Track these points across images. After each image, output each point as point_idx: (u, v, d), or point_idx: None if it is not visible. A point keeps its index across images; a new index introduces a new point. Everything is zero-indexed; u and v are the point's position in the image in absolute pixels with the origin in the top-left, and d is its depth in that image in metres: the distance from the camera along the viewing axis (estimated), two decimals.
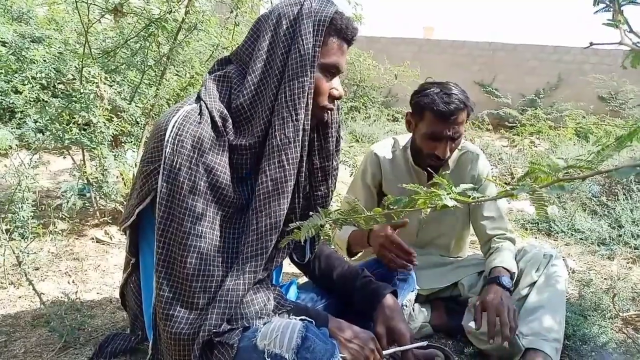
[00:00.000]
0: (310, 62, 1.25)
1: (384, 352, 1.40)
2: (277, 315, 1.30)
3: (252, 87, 1.27)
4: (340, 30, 1.30)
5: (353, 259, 1.99)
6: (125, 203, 2.61)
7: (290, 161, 1.27)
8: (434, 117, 1.80)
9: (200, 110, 1.26)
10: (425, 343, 1.51)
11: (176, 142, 1.20)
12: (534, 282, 1.81)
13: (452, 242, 2.13)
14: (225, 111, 1.27)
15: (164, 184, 1.21)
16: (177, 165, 1.20)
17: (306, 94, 1.25)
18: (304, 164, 1.33)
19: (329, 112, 1.37)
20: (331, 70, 1.32)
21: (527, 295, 1.78)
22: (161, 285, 1.25)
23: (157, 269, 1.25)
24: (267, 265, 1.34)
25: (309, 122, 1.29)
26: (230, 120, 1.27)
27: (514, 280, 1.83)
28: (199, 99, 1.30)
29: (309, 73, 1.25)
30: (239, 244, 1.30)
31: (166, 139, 1.21)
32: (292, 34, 1.26)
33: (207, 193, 1.23)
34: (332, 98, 1.35)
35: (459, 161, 2.03)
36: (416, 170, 2.00)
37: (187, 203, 1.20)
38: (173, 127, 1.22)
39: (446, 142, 1.82)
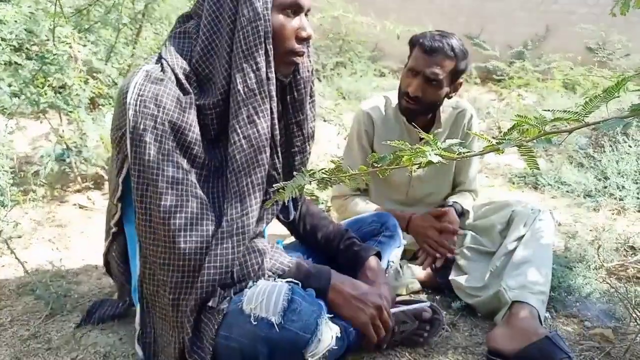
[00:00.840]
0: (263, 5, 1.17)
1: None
2: (274, 276, 1.28)
3: (205, 42, 1.20)
4: None
5: None
6: (107, 169, 2.56)
7: (260, 114, 1.21)
8: (417, 51, 1.82)
9: (162, 68, 1.19)
10: (428, 303, 1.52)
11: (138, 102, 1.14)
12: (521, 237, 1.81)
13: (442, 199, 2.13)
14: (189, 68, 1.21)
15: (132, 149, 1.15)
16: (142, 127, 1.14)
17: (262, 39, 1.18)
18: (275, 115, 1.26)
19: (300, 56, 1.28)
20: (292, 9, 1.23)
21: (514, 250, 1.79)
22: (148, 253, 1.22)
23: (141, 237, 1.21)
24: (258, 224, 1.32)
25: (272, 69, 1.21)
26: (195, 78, 1.21)
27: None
28: (160, 58, 1.23)
29: (261, 16, 1.16)
30: (221, 208, 1.26)
31: (128, 101, 1.15)
32: None
33: (177, 152, 1.18)
34: (301, 40, 1.26)
35: (455, 120, 2.00)
36: (408, 129, 1.96)
37: (160, 167, 1.15)
38: (134, 87, 1.15)
39: (420, 80, 1.79)
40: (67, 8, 2.62)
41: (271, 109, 1.24)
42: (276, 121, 1.27)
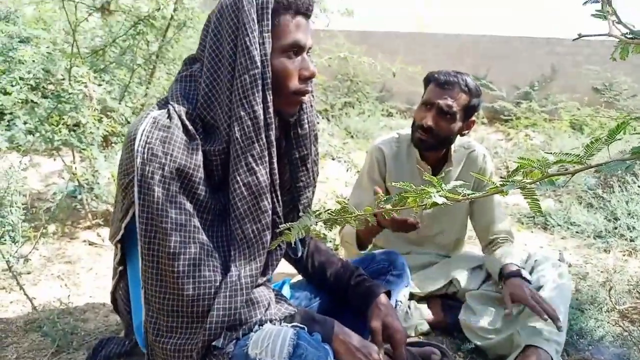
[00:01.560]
0: (260, 52, 1.18)
1: None
2: (278, 320, 1.28)
3: (206, 89, 1.21)
4: (288, 6, 1.21)
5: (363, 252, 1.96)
6: (112, 212, 2.59)
7: (259, 162, 1.22)
8: (432, 85, 1.85)
9: (169, 114, 1.20)
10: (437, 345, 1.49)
11: (146, 150, 1.15)
12: (540, 287, 1.80)
13: (452, 240, 2.12)
14: (195, 113, 1.22)
15: (140, 196, 1.16)
16: (150, 175, 1.14)
17: (260, 87, 1.18)
18: (274, 160, 1.26)
19: (305, 95, 1.28)
20: (293, 50, 1.24)
21: None
22: (153, 300, 1.21)
23: (146, 284, 1.21)
24: (265, 271, 1.32)
25: (271, 115, 1.22)
26: (201, 123, 1.23)
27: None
28: (167, 102, 1.24)
29: (259, 64, 1.17)
30: (228, 253, 1.27)
31: (136, 148, 1.15)
32: (236, 25, 1.18)
33: (184, 199, 1.18)
34: (305, 79, 1.27)
35: (467, 160, 2.00)
36: (420, 166, 1.97)
37: (166, 212, 1.15)
38: (142, 135, 1.16)
39: (434, 112, 1.81)
40: (83, 49, 2.71)
41: (270, 154, 1.25)
42: (275, 166, 1.28)
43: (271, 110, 1.22)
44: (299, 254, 1.54)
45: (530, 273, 1.87)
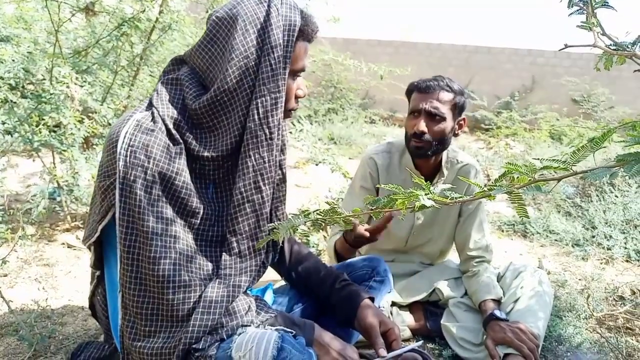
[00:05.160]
0: (283, 76, 1.21)
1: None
2: (259, 324, 1.27)
3: (214, 97, 1.21)
4: (307, 34, 1.27)
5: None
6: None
7: (267, 182, 1.26)
8: (414, 94, 1.87)
9: (153, 117, 1.19)
10: (420, 343, 1.49)
11: (128, 153, 1.14)
12: (518, 299, 1.83)
13: (437, 251, 2.12)
14: (180, 117, 1.21)
15: (121, 199, 1.15)
16: (132, 178, 1.14)
17: (279, 111, 1.23)
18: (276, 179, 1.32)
19: (294, 110, 1.35)
20: (298, 74, 1.30)
21: (510, 311, 1.80)
22: (131, 304, 1.20)
23: (124, 288, 1.20)
24: (254, 280, 1.33)
25: (282, 138, 1.27)
26: (187, 127, 1.22)
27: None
28: (150, 105, 1.23)
29: (281, 87, 1.21)
30: (216, 259, 1.27)
31: (118, 151, 1.15)
32: (260, 44, 1.20)
33: (168, 203, 1.18)
34: (297, 98, 1.33)
35: (459, 173, 1.99)
36: (412, 175, 1.97)
37: (148, 216, 1.15)
38: (124, 137, 1.15)
39: (423, 117, 1.82)
40: (65, 49, 2.67)
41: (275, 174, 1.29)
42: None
43: (282, 132, 1.27)
44: (276, 259, 1.54)
45: (511, 282, 1.91)
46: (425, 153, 1.86)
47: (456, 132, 1.91)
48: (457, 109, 1.86)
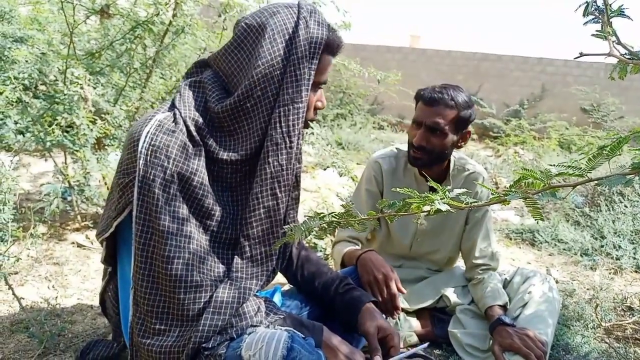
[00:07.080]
0: (306, 87, 1.23)
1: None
2: (268, 324, 1.28)
3: (238, 102, 1.22)
4: (333, 49, 1.29)
5: None
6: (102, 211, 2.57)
7: (283, 189, 1.27)
8: (420, 104, 1.86)
9: (175, 118, 1.22)
10: (425, 345, 1.49)
11: (149, 153, 1.16)
12: (526, 304, 1.82)
13: (445, 258, 2.11)
14: (201, 120, 1.23)
15: (140, 197, 1.17)
16: (151, 177, 1.15)
17: (301, 121, 1.25)
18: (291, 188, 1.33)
19: (312, 121, 1.39)
20: (320, 86, 1.32)
21: (517, 316, 1.80)
22: (142, 301, 1.21)
23: (136, 285, 1.21)
24: (264, 285, 1.35)
25: (301, 148, 1.29)
26: (207, 129, 1.24)
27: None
28: (173, 106, 1.25)
29: (304, 98, 1.23)
30: (228, 262, 1.28)
31: (139, 149, 1.17)
32: (287, 54, 1.22)
33: (184, 203, 1.20)
34: (316, 109, 1.36)
35: (466, 180, 1.98)
36: (418, 181, 1.97)
37: (165, 215, 1.16)
38: (146, 137, 1.17)
39: (423, 130, 1.81)
40: (79, 51, 2.70)
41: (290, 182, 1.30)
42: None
43: (302, 142, 1.29)
44: (283, 265, 1.55)
45: (519, 286, 1.91)
46: (422, 164, 1.88)
47: (459, 144, 1.90)
48: (461, 122, 1.83)
